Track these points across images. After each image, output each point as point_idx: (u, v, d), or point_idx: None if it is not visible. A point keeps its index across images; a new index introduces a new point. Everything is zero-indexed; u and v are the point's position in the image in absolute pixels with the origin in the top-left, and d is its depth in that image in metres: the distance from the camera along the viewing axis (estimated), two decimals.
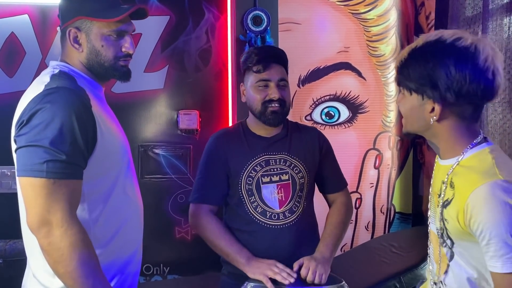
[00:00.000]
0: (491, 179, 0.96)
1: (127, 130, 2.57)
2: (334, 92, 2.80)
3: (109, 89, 2.55)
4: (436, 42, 1.03)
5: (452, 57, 1.00)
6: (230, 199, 1.62)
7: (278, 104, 1.55)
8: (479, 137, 1.06)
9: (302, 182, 1.61)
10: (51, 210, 1.06)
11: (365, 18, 2.81)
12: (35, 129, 1.07)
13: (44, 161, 1.06)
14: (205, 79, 2.65)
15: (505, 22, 2.11)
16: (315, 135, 1.69)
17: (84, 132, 1.11)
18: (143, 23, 1.40)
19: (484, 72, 1.00)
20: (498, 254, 0.95)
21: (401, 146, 2.94)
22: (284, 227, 1.58)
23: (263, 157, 1.60)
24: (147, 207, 2.63)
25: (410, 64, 1.05)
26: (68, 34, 1.22)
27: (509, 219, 0.93)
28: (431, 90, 1.02)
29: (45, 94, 1.11)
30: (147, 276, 2.63)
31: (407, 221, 2.96)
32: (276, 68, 1.58)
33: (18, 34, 2.48)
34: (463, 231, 1.01)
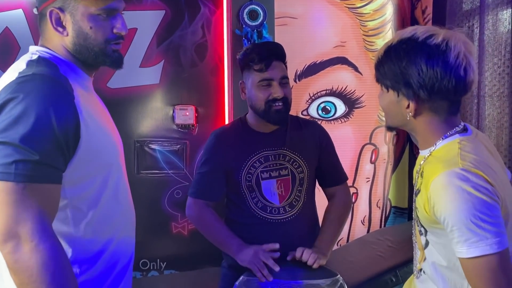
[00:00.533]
0: (449, 168, 0.99)
1: (123, 126, 2.58)
2: (330, 87, 2.80)
3: (105, 84, 2.54)
4: (409, 40, 1.05)
5: (424, 55, 1.02)
6: (232, 195, 1.64)
7: (281, 103, 1.55)
8: (455, 129, 1.08)
9: (301, 176, 1.62)
10: (20, 220, 0.89)
11: (361, 12, 2.81)
12: (3, 122, 0.91)
13: (13, 161, 0.89)
14: (201, 74, 2.64)
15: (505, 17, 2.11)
16: (315, 129, 1.70)
17: (64, 128, 0.95)
18: (139, 17, 1.37)
19: (455, 68, 1.01)
20: (461, 240, 0.97)
21: (397, 141, 2.94)
22: (284, 221, 1.60)
23: (262, 153, 1.61)
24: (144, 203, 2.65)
25: (386, 62, 1.08)
26: (50, 15, 1.04)
27: (467, 204, 0.95)
28: (404, 88, 1.05)
29: (18, 82, 0.95)
30: (143, 272, 2.64)
31: (403, 215, 2.97)
32: (277, 65, 1.57)
33: (12, 29, 2.46)
34: (430, 219, 1.04)
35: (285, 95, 1.56)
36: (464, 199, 0.95)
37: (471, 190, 0.95)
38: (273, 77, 1.55)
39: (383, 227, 2.95)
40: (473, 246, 0.95)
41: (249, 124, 1.66)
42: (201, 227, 1.63)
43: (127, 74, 2.57)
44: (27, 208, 0.90)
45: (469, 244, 0.96)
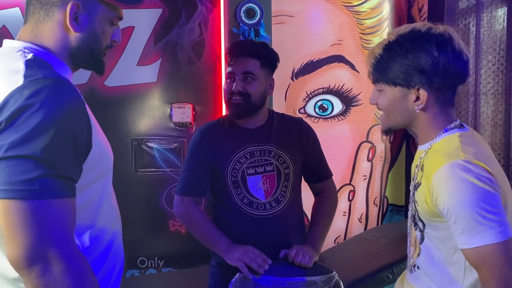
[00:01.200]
0: (452, 160, 1.00)
1: (120, 124, 2.59)
2: (327, 85, 2.81)
3: (102, 82, 2.54)
4: (411, 32, 1.07)
5: (433, 43, 1.04)
6: (218, 191, 1.65)
7: (239, 97, 1.57)
8: (454, 123, 1.10)
9: (287, 172, 1.63)
10: (47, 240, 0.82)
11: (358, 11, 2.81)
12: (20, 133, 0.81)
13: (36, 177, 0.81)
14: (198, 72, 2.64)
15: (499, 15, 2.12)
16: (300, 126, 1.71)
17: (81, 137, 0.89)
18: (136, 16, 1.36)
19: (460, 55, 1.06)
20: (465, 230, 0.98)
21: (394, 139, 2.95)
22: (270, 217, 1.60)
23: (247, 148, 1.62)
24: (141, 201, 2.66)
25: (389, 58, 1.08)
26: (71, 8, 0.96)
27: (471, 195, 0.96)
28: (418, 77, 1.05)
29: (29, 87, 0.85)
30: (141, 269, 2.64)
31: (400, 213, 2.98)
32: (243, 60, 1.59)
33: (9, 27, 2.46)
34: (431, 212, 1.05)
35: (245, 89, 1.57)
36: (468, 190, 0.96)
37: (474, 180, 0.96)
38: (234, 71, 1.59)
39: (380, 224, 2.96)
40: (479, 236, 0.96)
41: (235, 120, 1.67)
42: (189, 225, 1.63)
43: (125, 72, 2.57)
44: (54, 226, 0.83)
45: (474, 234, 0.96)
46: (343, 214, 2.89)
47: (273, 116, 1.70)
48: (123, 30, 2.48)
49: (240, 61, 1.59)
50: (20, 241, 0.82)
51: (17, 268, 0.83)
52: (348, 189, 2.90)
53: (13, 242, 0.82)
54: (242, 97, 1.57)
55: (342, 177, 2.88)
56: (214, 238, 1.56)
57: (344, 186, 2.89)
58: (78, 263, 0.85)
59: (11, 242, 0.83)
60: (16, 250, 0.82)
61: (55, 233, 0.83)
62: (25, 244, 0.82)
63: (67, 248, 0.84)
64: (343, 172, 2.86)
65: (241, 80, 1.57)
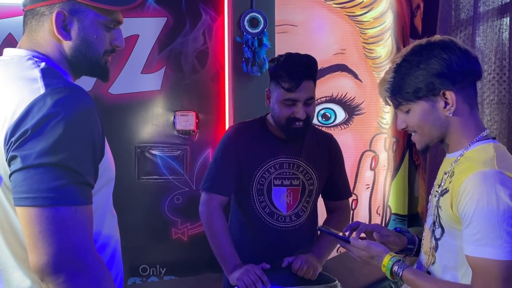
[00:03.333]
0: (486, 168, 1.00)
1: (124, 131, 2.60)
2: (330, 94, 2.82)
3: (106, 90, 2.56)
4: (414, 48, 1.10)
5: (438, 48, 1.07)
6: (240, 193, 1.64)
7: (302, 122, 1.54)
8: (485, 132, 1.11)
9: (311, 188, 1.63)
10: (73, 247, 0.83)
11: (361, 20, 2.83)
12: (46, 142, 0.83)
13: (65, 184, 0.83)
14: (202, 80, 2.66)
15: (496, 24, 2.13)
16: (330, 143, 1.70)
17: (99, 145, 0.91)
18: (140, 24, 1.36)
19: (468, 52, 1.08)
20: (473, 238, 0.98)
21: (396, 148, 2.95)
22: (288, 230, 1.61)
23: (278, 159, 1.61)
24: (144, 208, 2.66)
25: (402, 76, 1.10)
26: (57, 17, 0.95)
27: (495, 206, 0.96)
28: (438, 81, 1.06)
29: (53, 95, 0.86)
30: (143, 277, 2.64)
31: (402, 222, 2.97)
32: (306, 86, 1.53)
33: (15, 35, 2.48)
34: (453, 218, 1.05)
35: (308, 114, 1.54)
36: (494, 200, 0.96)
37: (502, 194, 0.96)
38: (299, 98, 1.52)
39: None
40: (487, 248, 0.96)
41: (269, 126, 1.65)
42: (208, 231, 1.60)
43: (129, 80, 2.59)
44: (79, 232, 0.85)
45: (483, 244, 0.96)
46: None
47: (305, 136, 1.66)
48: (127, 39, 2.51)
49: (303, 87, 1.52)
50: (47, 248, 0.82)
51: (43, 275, 0.83)
52: (351, 198, 2.88)
53: (40, 250, 0.83)
54: (304, 123, 1.54)
55: None
56: (226, 256, 1.54)
57: None
58: (100, 268, 0.87)
59: (38, 250, 0.83)
60: (44, 257, 0.82)
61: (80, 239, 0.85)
62: (53, 251, 0.82)
63: (91, 253, 0.86)
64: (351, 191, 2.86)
65: (306, 106, 1.53)
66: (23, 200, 0.83)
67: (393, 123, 2.89)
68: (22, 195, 0.83)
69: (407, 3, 2.90)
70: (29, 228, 0.83)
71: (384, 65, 2.86)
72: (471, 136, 1.09)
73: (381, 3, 2.83)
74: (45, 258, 0.82)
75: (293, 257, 1.52)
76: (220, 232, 1.57)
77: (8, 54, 0.99)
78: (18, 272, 0.92)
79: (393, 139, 2.92)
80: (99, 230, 0.98)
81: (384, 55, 2.86)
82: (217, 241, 1.57)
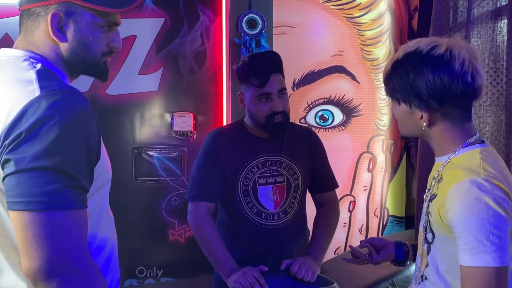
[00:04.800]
0: (472, 176, 1.00)
1: (121, 132, 2.59)
2: (328, 95, 2.82)
3: (103, 91, 2.55)
4: (414, 53, 1.08)
5: (429, 66, 1.04)
6: (226, 197, 1.64)
7: (281, 115, 1.56)
8: (474, 138, 1.10)
9: (296, 184, 1.63)
10: (67, 251, 0.82)
11: (359, 22, 2.83)
12: (40, 145, 0.81)
13: (59, 188, 0.82)
14: (200, 81, 2.65)
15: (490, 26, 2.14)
16: (310, 136, 1.71)
17: (94, 148, 0.89)
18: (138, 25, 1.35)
19: (462, 75, 1.04)
20: (467, 248, 0.98)
21: (394, 150, 2.95)
22: (277, 228, 1.61)
23: (260, 158, 1.62)
24: (141, 210, 2.64)
25: (393, 76, 1.10)
26: (52, 18, 0.94)
27: (482, 214, 0.96)
28: (415, 100, 1.07)
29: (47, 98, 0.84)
30: (140, 279, 2.63)
31: (400, 224, 2.97)
32: (275, 79, 1.56)
33: (12, 35, 2.47)
34: (442, 224, 1.05)
35: (284, 107, 1.57)
36: (481, 209, 0.96)
37: (490, 201, 0.96)
38: (271, 91, 1.55)
39: (380, 235, 2.94)
40: (477, 256, 0.96)
41: (247, 128, 1.66)
42: (200, 238, 1.60)
43: (126, 81, 2.58)
44: (74, 237, 0.83)
45: (473, 253, 0.96)
46: (344, 225, 2.88)
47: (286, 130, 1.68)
48: (125, 39, 2.50)
49: (273, 80, 1.55)
50: (40, 253, 0.81)
51: (36, 280, 0.82)
52: (349, 200, 2.89)
53: (32, 254, 0.81)
54: (283, 116, 1.56)
55: (343, 187, 2.87)
56: (221, 260, 1.54)
57: (345, 196, 2.88)
58: (94, 273, 0.86)
59: (31, 254, 0.81)
60: (37, 261, 0.81)
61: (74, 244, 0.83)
62: (46, 256, 0.81)
63: (84, 258, 0.84)
64: (344, 182, 2.86)
65: (280, 99, 1.56)
66: (16, 204, 0.82)
67: (391, 125, 2.89)
68: (15, 199, 0.82)
69: (405, 5, 2.91)
70: (22, 233, 0.82)
71: (382, 67, 2.86)
72: (456, 144, 1.09)
73: (379, 5, 2.83)
74: (37, 263, 0.81)
75: (291, 260, 1.51)
76: (212, 238, 1.57)
77: (4, 55, 0.98)
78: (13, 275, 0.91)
79: (390, 141, 2.93)
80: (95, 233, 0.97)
81: (382, 57, 2.87)
82: (210, 248, 1.56)
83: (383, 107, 2.87)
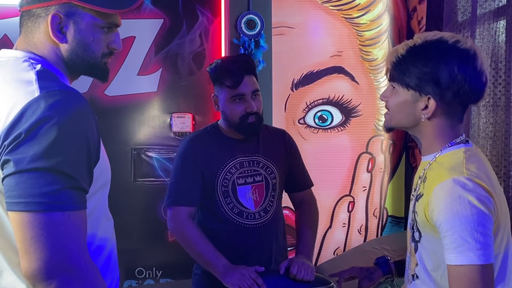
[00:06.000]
0: (455, 175, 1.01)
1: (120, 133, 2.59)
2: (327, 96, 2.82)
3: (102, 91, 2.55)
4: (438, 41, 1.07)
5: (456, 58, 1.04)
6: (206, 200, 1.64)
7: (255, 116, 1.58)
8: (460, 138, 1.11)
9: (274, 182, 1.66)
10: (66, 252, 0.82)
11: (358, 22, 2.84)
12: (39, 146, 0.81)
13: (58, 189, 0.82)
14: (199, 82, 2.65)
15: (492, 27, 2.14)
16: (283, 137, 1.74)
17: (93, 149, 0.89)
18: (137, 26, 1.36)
19: (480, 75, 1.06)
20: (452, 246, 0.98)
21: (393, 150, 2.95)
22: (259, 226, 1.63)
23: (237, 159, 1.63)
24: (140, 211, 2.64)
25: (410, 61, 1.07)
26: (52, 19, 0.94)
27: (466, 213, 0.97)
28: (432, 87, 1.06)
29: (47, 99, 0.85)
30: (139, 280, 2.62)
31: (399, 224, 2.97)
32: (248, 80, 1.58)
33: (11, 36, 2.47)
34: (428, 224, 1.06)
35: (258, 108, 1.59)
36: (464, 208, 0.97)
37: (473, 200, 0.97)
38: (244, 92, 1.57)
39: (379, 236, 2.95)
40: (462, 255, 0.97)
41: (222, 130, 1.67)
42: (185, 244, 1.59)
43: (125, 82, 2.58)
44: (73, 238, 0.83)
45: (458, 251, 0.97)
46: (343, 225, 2.88)
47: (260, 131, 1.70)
48: (124, 40, 2.50)
49: (246, 81, 1.57)
50: (40, 254, 0.81)
51: (35, 281, 0.82)
52: (348, 200, 2.89)
53: (32, 255, 0.81)
54: (256, 116, 1.58)
55: (342, 188, 2.87)
56: (212, 260, 1.53)
57: (344, 197, 2.88)
58: (93, 274, 0.86)
59: (30, 255, 0.81)
60: (36, 262, 0.81)
61: (73, 245, 0.83)
62: (45, 257, 0.81)
63: (83, 259, 0.84)
64: (343, 183, 2.86)
65: (253, 100, 1.58)
66: (15, 205, 0.82)
67: None
68: (14, 200, 0.82)
69: (403, 5, 2.91)
70: (21, 233, 0.82)
71: (381, 67, 2.87)
72: (444, 142, 1.10)
73: (378, 5, 2.84)
74: (37, 264, 0.81)
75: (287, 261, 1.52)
76: (196, 239, 1.56)
77: (4, 56, 0.98)
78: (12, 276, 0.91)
79: (389, 141, 2.93)
80: (94, 233, 0.97)
81: (380, 58, 2.87)
82: (196, 249, 1.56)
83: (382, 108, 2.88)
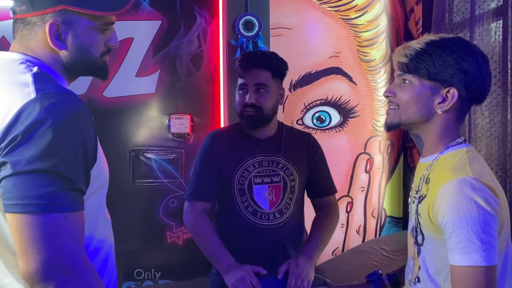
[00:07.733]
0: (461, 175, 1.01)
1: (118, 135, 2.59)
2: (325, 97, 2.82)
3: (100, 93, 2.55)
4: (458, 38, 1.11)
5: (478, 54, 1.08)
6: (223, 196, 1.65)
7: (252, 109, 1.58)
8: (460, 139, 1.12)
9: (293, 184, 1.64)
10: (64, 253, 0.83)
11: (355, 23, 2.84)
12: (35, 148, 0.82)
13: (55, 191, 0.82)
14: (197, 83, 2.65)
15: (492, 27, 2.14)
16: (308, 140, 1.72)
17: (90, 151, 0.90)
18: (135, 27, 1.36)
19: (489, 76, 1.10)
20: (458, 247, 0.98)
21: (391, 150, 2.96)
22: (272, 228, 1.61)
23: (256, 158, 1.63)
24: (138, 212, 2.64)
25: (434, 52, 1.07)
26: (50, 28, 0.94)
27: (472, 213, 0.97)
28: (459, 76, 1.06)
29: (43, 101, 0.85)
30: (138, 281, 2.62)
31: (398, 225, 2.98)
32: (255, 72, 1.59)
33: (9, 38, 2.47)
34: (432, 226, 1.05)
35: (258, 102, 1.58)
36: (471, 208, 0.97)
37: (480, 200, 0.97)
38: (247, 83, 1.59)
39: (378, 236, 2.95)
40: (467, 256, 0.97)
41: (244, 129, 1.67)
42: (195, 235, 1.62)
43: (123, 83, 2.58)
44: (70, 239, 0.84)
45: (463, 252, 0.97)
46: (341, 226, 2.89)
47: (283, 128, 1.71)
48: (122, 42, 2.50)
49: (252, 73, 1.59)
50: (37, 255, 0.81)
51: (33, 282, 0.82)
52: (346, 201, 2.89)
53: (29, 257, 0.82)
54: (254, 110, 1.59)
55: (340, 188, 2.86)
56: (217, 254, 1.54)
57: (342, 197, 2.88)
58: (91, 275, 0.86)
59: (28, 257, 0.82)
60: (33, 264, 0.81)
61: (70, 246, 0.84)
62: (43, 258, 0.81)
63: (81, 260, 0.85)
64: (341, 183, 2.86)
65: (254, 92, 1.59)
66: (12, 207, 0.82)
67: None
68: (12, 202, 0.82)
69: (401, 6, 2.92)
70: (18, 235, 0.82)
71: (378, 68, 2.87)
72: (448, 141, 1.10)
73: (375, 6, 2.84)
74: (34, 265, 0.81)
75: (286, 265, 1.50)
76: (207, 233, 1.58)
77: (0, 58, 0.99)
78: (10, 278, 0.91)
79: (388, 142, 2.93)
80: (92, 235, 0.97)
81: (378, 58, 2.87)
82: (206, 243, 1.57)
83: (380, 108, 2.88)
